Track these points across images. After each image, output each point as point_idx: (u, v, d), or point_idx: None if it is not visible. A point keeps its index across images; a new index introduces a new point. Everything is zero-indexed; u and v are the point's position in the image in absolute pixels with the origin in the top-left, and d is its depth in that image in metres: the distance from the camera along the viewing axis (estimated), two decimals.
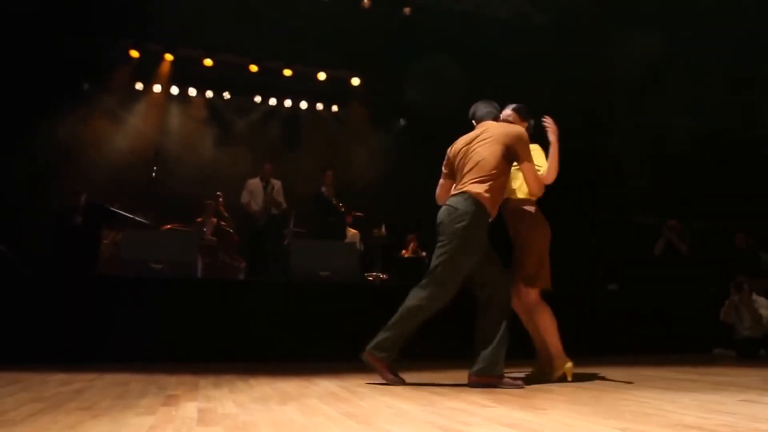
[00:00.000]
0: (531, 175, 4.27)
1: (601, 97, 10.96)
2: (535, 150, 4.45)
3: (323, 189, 9.99)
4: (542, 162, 4.43)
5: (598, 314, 7.50)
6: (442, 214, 4.24)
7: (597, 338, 7.05)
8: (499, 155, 4.18)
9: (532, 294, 4.40)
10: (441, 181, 4.57)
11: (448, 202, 4.25)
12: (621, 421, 2.72)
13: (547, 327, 4.43)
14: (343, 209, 10.04)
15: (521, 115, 4.63)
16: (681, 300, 8.11)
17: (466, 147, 4.34)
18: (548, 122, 4.52)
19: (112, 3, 9.80)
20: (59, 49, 9.94)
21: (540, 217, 4.48)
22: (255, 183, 9.92)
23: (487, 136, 4.27)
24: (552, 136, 4.48)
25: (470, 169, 4.22)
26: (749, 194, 9.77)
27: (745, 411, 3.05)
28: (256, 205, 9.79)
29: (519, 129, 4.34)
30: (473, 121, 4.56)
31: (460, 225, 4.08)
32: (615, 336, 7.33)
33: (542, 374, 4.49)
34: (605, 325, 7.40)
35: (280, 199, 9.92)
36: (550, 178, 4.38)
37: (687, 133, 10.26)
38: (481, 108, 4.55)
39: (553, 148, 4.42)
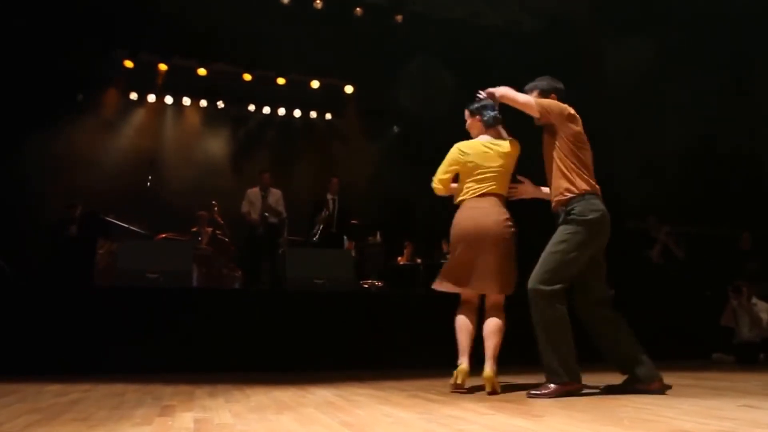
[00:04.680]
0: None
1: (594, 103, 10.97)
2: None
3: (328, 196, 9.96)
4: None
5: None
6: None
7: (594, 343, 7.03)
8: None
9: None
10: None
11: None
12: (619, 428, 2.71)
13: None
14: (354, 222, 10.01)
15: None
16: (679, 305, 8.09)
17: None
18: None
19: (106, 14, 9.79)
20: (53, 61, 9.93)
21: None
22: (254, 192, 9.89)
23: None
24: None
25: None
26: (748, 198, 9.80)
27: (745, 416, 3.04)
28: (255, 214, 9.76)
29: None
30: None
31: None
32: None
33: None
34: None
35: (280, 208, 9.88)
36: None
37: (682, 138, 10.29)
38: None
39: None
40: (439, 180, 4.41)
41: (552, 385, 3.91)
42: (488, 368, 4.04)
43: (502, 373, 4.19)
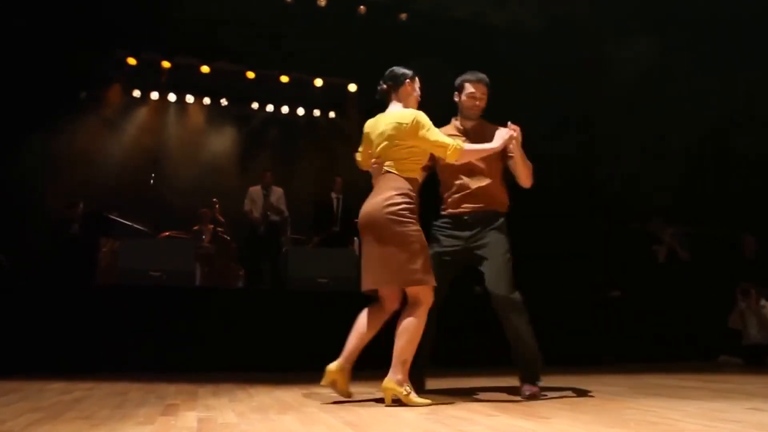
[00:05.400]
0: None
1: (596, 103, 10.95)
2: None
3: (332, 195, 9.96)
4: None
5: (601, 321, 7.45)
6: None
7: (599, 345, 7.02)
8: None
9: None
10: None
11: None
12: (625, 430, 2.69)
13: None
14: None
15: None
16: (685, 307, 8.06)
17: None
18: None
19: (109, 12, 9.78)
20: (55, 60, 9.91)
21: None
22: (256, 191, 9.92)
23: None
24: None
25: None
26: (751, 198, 9.77)
27: (751, 419, 3.02)
28: (257, 212, 9.77)
29: None
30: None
31: None
32: (618, 343, 7.28)
33: None
34: (608, 332, 7.35)
35: (282, 206, 9.90)
36: None
37: (684, 138, 10.26)
38: None
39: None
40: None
41: (536, 386, 3.93)
42: (388, 376, 3.63)
43: (502, 376, 4.16)
